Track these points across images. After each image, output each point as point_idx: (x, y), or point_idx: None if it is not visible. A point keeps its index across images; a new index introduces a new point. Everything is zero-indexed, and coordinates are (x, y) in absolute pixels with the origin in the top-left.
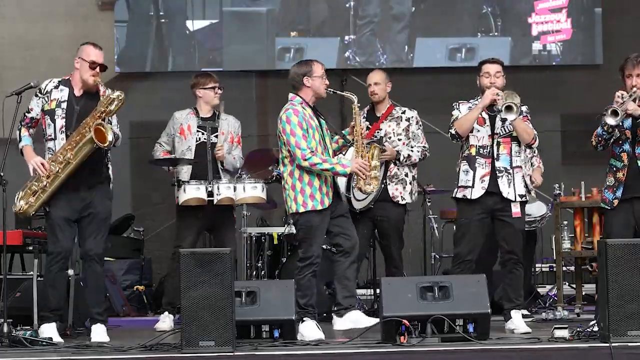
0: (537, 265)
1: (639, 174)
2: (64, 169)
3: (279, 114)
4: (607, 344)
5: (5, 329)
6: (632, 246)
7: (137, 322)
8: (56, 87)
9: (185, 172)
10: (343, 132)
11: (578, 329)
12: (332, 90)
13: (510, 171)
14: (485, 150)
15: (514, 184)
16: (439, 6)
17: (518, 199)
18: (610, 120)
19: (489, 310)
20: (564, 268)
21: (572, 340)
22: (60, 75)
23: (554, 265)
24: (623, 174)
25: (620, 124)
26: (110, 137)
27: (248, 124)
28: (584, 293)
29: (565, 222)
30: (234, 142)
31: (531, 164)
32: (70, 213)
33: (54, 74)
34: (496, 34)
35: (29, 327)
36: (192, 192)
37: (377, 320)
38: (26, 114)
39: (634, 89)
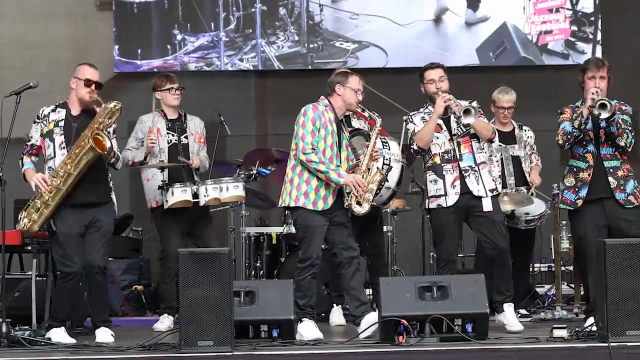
0: (535, 265)
1: (605, 174)
2: (65, 181)
3: (277, 114)
4: (606, 344)
5: (4, 329)
6: (631, 246)
7: (136, 321)
8: (53, 110)
9: (162, 174)
10: (360, 151)
11: (577, 329)
12: (361, 107)
13: (476, 168)
14: (449, 155)
15: (482, 181)
16: None
17: (489, 194)
18: (604, 114)
19: (488, 310)
20: (563, 268)
21: (570, 340)
22: (59, 74)
23: (553, 265)
24: (589, 174)
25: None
26: (108, 144)
27: (247, 124)
28: (582, 293)
29: (564, 222)
30: (201, 142)
31: (530, 161)
32: (77, 229)
33: (54, 74)
34: None
35: (27, 327)
36: (180, 195)
37: (368, 327)
38: (27, 143)
39: (597, 89)
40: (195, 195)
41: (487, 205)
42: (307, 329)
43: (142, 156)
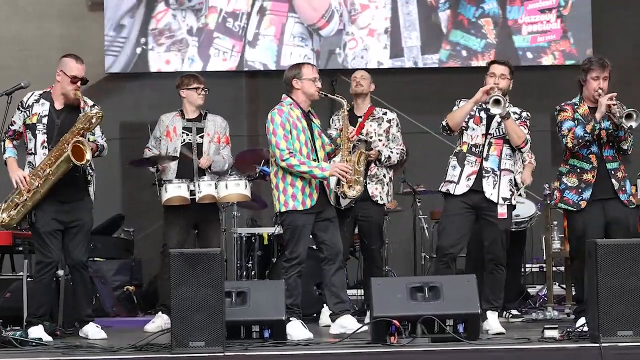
0: (527, 265)
1: (607, 175)
2: (43, 184)
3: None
4: (597, 344)
5: None
6: (622, 246)
7: (127, 322)
8: (37, 100)
9: (171, 172)
10: (333, 135)
11: (568, 329)
12: (323, 93)
13: (497, 173)
14: (477, 149)
15: (498, 186)
16: None
17: (501, 201)
18: (633, 124)
19: (479, 311)
20: (554, 268)
21: (562, 341)
22: (52, 74)
23: (544, 265)
24: (592, 176)
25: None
26: (88, 156)
27: (238, 124)
28: (573, 293)
29: (555, 223)
30: (222, 142)
31: (522, 159)
32: (57, 224)
33: (48, 74)
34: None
35: (18, 328)
36: (174, 190)
37: (364, 324)
38: (10, 126)
39: (600, 91)
40: (194, 192)
41: (501, 212)
42: (296, 329)
43: (153, 168)
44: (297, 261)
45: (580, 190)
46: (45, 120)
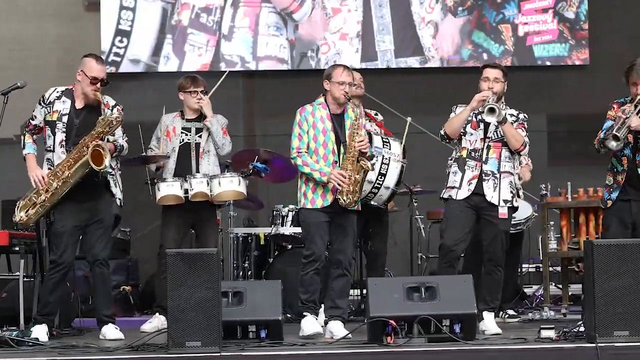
0: (523, 265)
1: (637, 180)
2: (62, 186)
3: (265, 115)
4: (594, 344)
5: None
6: (618, 247)
7: (124, 322)
8: (59, 97)
9: (169, 172)
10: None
11: (564, 329)
12: (349, 97)
13: (497, 175)
14: (476, 154)
15: (499, 189)
16: None
17: (502, 204)
18: (613, 145)
19: (476, 311)
20: (551, 268)
21: (558, 341)
22: (50, 74)
23: (541, 265)
24: (622, 178)
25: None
26: (106, 162)
27: (235, 124)
28: (570, 293)
29: (552, 223)
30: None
31: (519, 162)
32: (77, 222)
33: (45, 74)
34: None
35: (15, 328)
36: (166, 189)
37: (350, 332)
38: (30, 120)
39: (639, 97)
40: (188, 190)
41: (502, 212)
42: (307, 324)
43: (154, 167)
44: (312, 258)
45: (611, 190)
46: (65, 119)
